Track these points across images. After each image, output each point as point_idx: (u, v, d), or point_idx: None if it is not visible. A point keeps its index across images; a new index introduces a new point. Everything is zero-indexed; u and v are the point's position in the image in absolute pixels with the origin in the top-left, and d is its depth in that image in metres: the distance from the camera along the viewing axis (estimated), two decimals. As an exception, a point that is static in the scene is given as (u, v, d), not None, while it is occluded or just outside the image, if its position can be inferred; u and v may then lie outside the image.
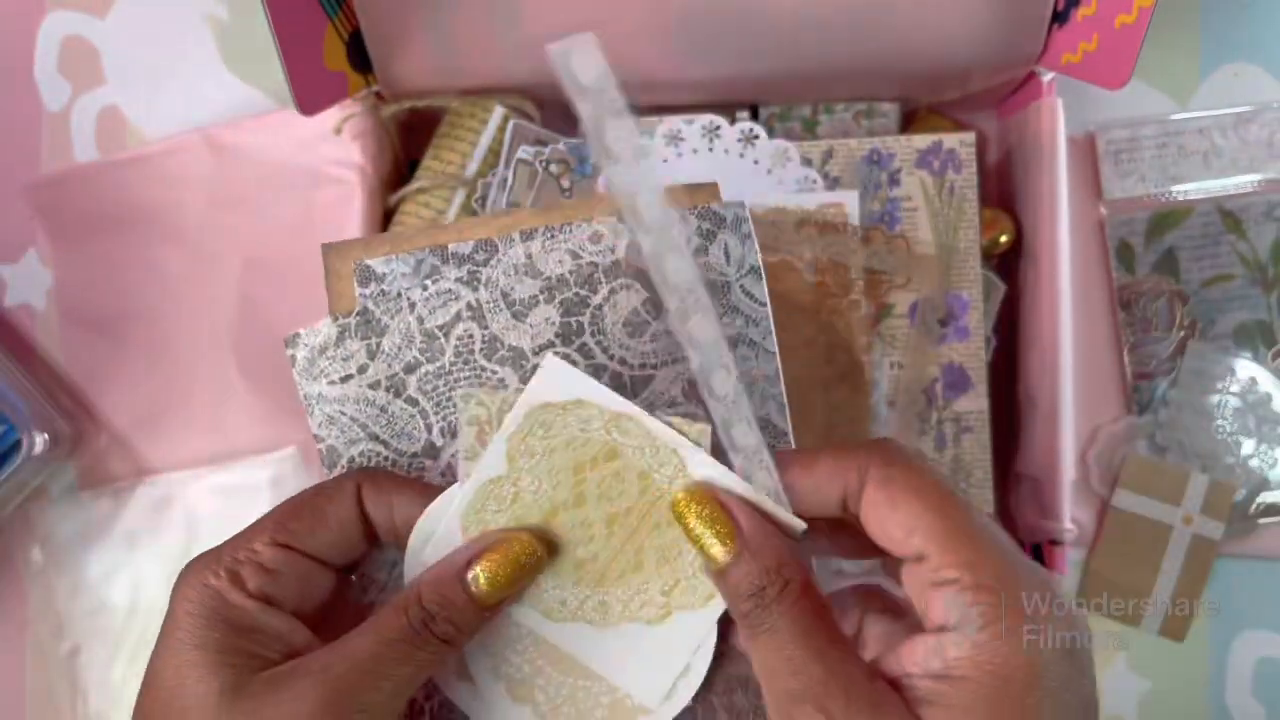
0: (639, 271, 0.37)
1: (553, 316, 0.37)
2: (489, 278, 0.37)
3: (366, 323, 0.37)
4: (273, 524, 0.33)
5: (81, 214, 0.61)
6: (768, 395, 0.37)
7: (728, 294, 0.37)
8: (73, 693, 0.60)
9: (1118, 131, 0.59)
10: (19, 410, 0.57)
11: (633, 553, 0.35)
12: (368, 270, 0.37)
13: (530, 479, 0.35)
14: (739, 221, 0.37)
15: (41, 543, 0.61)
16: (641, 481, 0.35)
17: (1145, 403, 0.58)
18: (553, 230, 0.37)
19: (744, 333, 0.37)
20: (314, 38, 0.49)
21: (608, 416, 0.35)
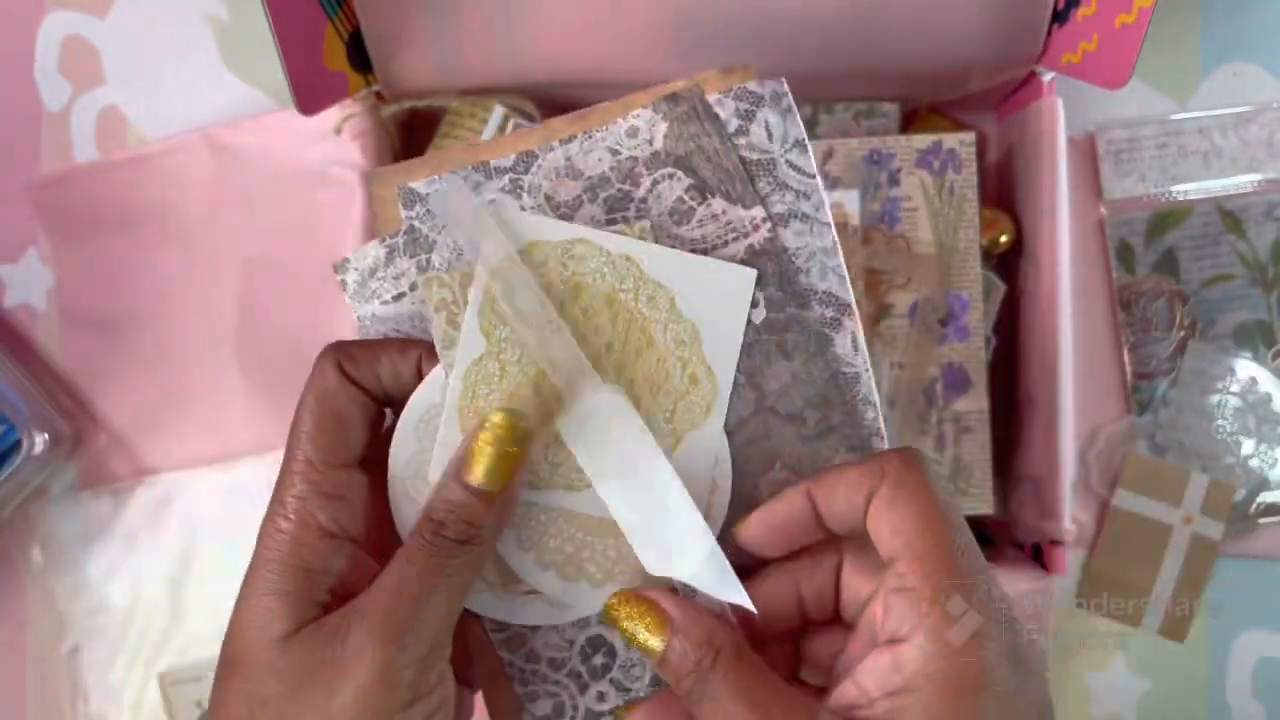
0: (679, 159, 0.37)
1: (598, 214, 0.37)
2: (531, 184, 0.37)
3: (414, 240, 0.37)
4: (304, 456, 0.33)
5: (81, 214, 0.61)
6: (827, 269, 0.37)
7: (774, 170, 0.37)
8: (73, 692, 0.60)
9: (1118, 131, 0.59)
10: (19, 410, 0.57)
11: (627, 389, 0.35)
12: (412, 192, 0.37)
13: (511, 348, 0.35)
14: (778, 97, 0.37)
15: (42, 543, 0.61)
16: (611, 308, 0.35)
17: (1145, 403, 0.58)
18: (590, 133, 0.37)
19: (795, 207, 0.37)
20: (314, 38, 0.49)
21: (560, 249, 0.35)
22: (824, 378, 0.36)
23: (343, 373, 0.34)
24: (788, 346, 0.36)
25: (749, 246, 0.36)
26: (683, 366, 0.35)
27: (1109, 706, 0.59)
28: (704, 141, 0.37)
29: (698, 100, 0.37)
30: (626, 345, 0.36)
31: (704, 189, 0.37)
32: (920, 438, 0.54)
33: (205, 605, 0.60)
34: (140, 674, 0.60)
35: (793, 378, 0.36)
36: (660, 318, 0.36)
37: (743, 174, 0.37)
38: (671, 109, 0.37)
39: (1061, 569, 0.53)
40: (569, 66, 0.53)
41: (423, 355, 0.35)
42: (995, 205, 0.57)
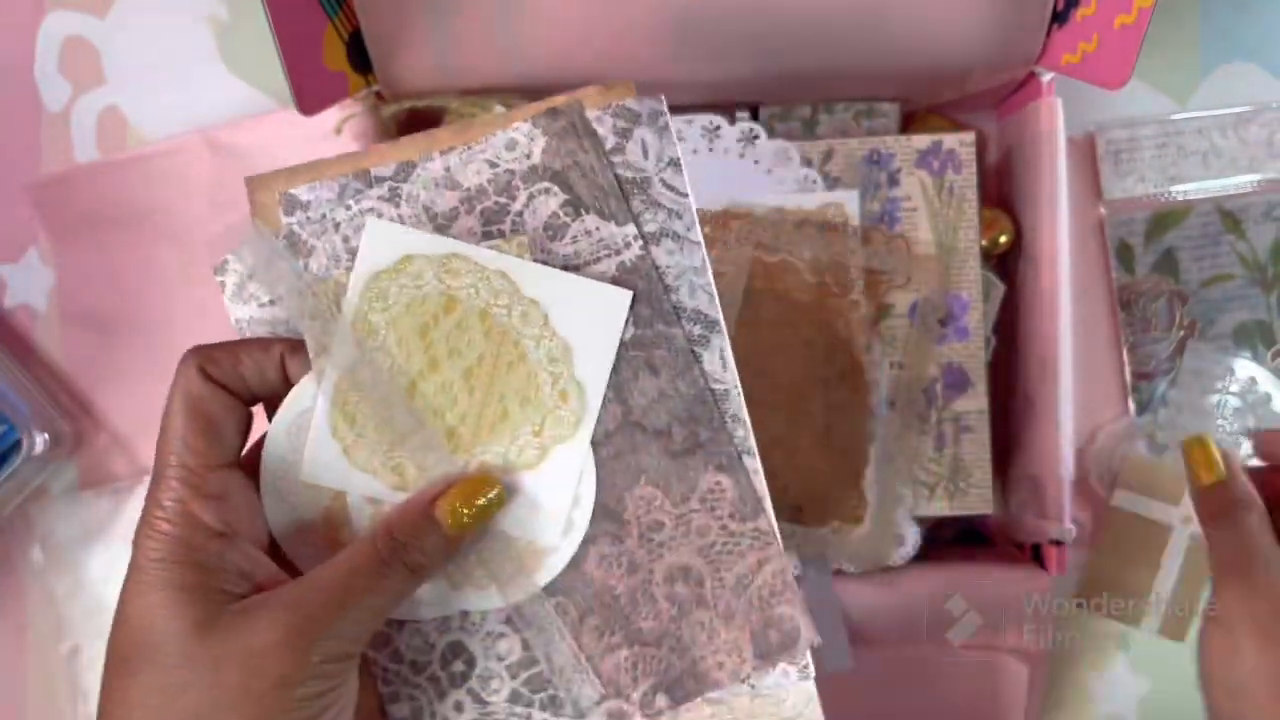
0: (555, 174, 0.37)
1: (474, 226, 0.37)
2: (409, 193, 0.37)
3: (293, 245, 0.37)
4: (179, 460, 0.34)
5: (82, 214, 0.61)
6: (696, 286, 0.37)
7: (648, 189, 0.38)
8: (73, 692, 0.60)
9: (1117, 132, 0.59)
10: (19, 410, 0.57)
11: (496, 401, 0.36)
12: (293, 199, 0.37)
13: (383, 357, 0.36)
14: (655, 114, 0.38)
15: (42, 542, 0.61)
16: (484, 323, 0.36)
17: (1145, 403, 0.58)
18: (470, 144, 0.38)
19: (667, 226, 0.37)
20: (314, 38, 0.49)
21: (437, 263, 0.36)
22: (691, 394, 0.37)
23: (206, 375, 0.35)
24: (655, 362, 0.37)
25: (620, 263, 0.37)
26: (554, 382, 0.36)
27: (1109, 706, 0.59)
28: (581, 157, 0.37)
29: (577, 116, 0.38)
30: (498, 360, 0.36)
31: (578, 205, 0.37)
32: (920, 438, 0.54)
33: (205, 605, 0.60)
34: (140, 674, 0.60)
35: (659, 393, 0.37)
36: (533, 333, 0.36)
37: (617, 191, 0.37)
38: (550, 123, 0.38)
39: (1061, 569, 0.53)
40: (569, 66, 0.53)
41: (285, 353, 0.36)
42: (995, 205, 0.57)
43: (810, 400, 0.53)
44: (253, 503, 0.35)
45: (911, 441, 0.54)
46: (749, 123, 0.54)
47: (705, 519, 0.37)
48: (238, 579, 0.32)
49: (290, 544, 0.36)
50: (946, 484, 0.54)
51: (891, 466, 0.53)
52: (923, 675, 0.54)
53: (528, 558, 0.36)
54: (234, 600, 0.31)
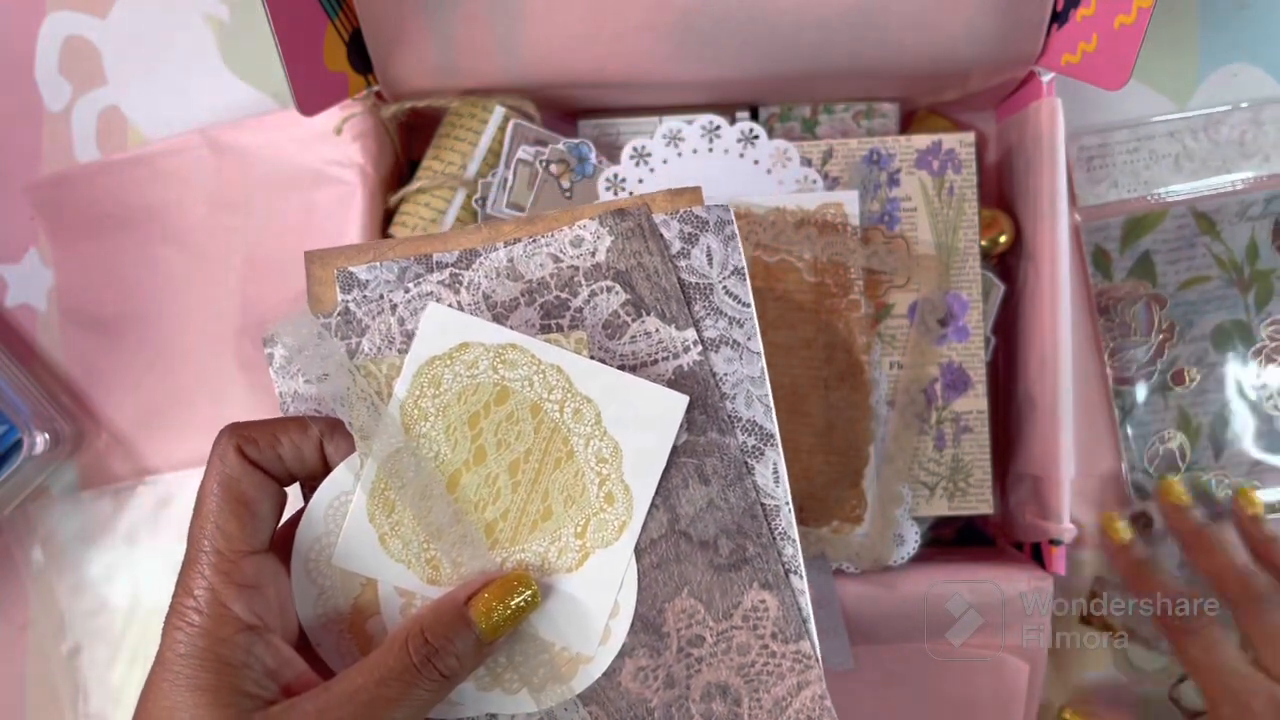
0: (619, 273, 0.37)
1: (533, 318, 0.37)
2: (471, 280, 0.37)
3: (347, 322, 0.37)
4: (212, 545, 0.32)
5: (82, 214, 0.61)
6: (753, 397, 0.37)
7: (710, 295, 0.37)
8: (73, 692, 0.60)
9: (1089, 138, 0.59)
10: (20, 410, 0.57)
11: (540, 499, 0.35)
12: (351, 276, 0.37)
13: (429, 444, 0.35)
14: (722, 224, 0.38)
15: (42, 542, 0.61)
16: (535, 416, 0.35)
17: (1126, 407, 0.58)
18: (535, 237, 0.37)
19: (727, 334, 0.37)
20: (314, 38, 0.49)
21: (493, 353, 0.35)
22: (741, 507, 0.36)
23: (244, 456, 0.33)
24: (707, 471, 0.36)
25: (678, 367, 0.37)
26: (600, 483, 0.36)
27: (1108, 706, 0.59)
28: (646, 259, 0.37)
29: (644, 218, 0.37)
30: (546, 455, 0.36)
31: (640, 306, 0.37)
32: (920, 438, 0.54)
33: (205, 605, 0.60)
34: (140, 674, 0.60)
35: (709, 503, 0.36)
36: (584, 431, 0.36)
37: (679, 295, 0.37)
38: (618, 224, 0.37)
39: (1061, 569, 0.53)
40: (569, 67, 0.53)
41: (323, 434, 0.35)
42: (995, 205, 0.57)
43: (810, 400, 0.53)
44: (284, 592, 0.34)
45: (911, 441, 0.54)
46: (749, 123, 0.54)
47: (747, 637, 0.36)
48: (265, 679, 0.31)
49: (317, 632, 0.35)
50: (946, 484, 0.54)
51: (891, 466, 0.53)
52: (923, 674, 0.54)
53: (562, 664, 0.35)
54: (260, 706, 0.30)
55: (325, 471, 0.35)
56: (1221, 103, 0.59)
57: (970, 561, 0.55)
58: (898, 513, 0.53)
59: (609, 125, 0.57)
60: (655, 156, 0.54)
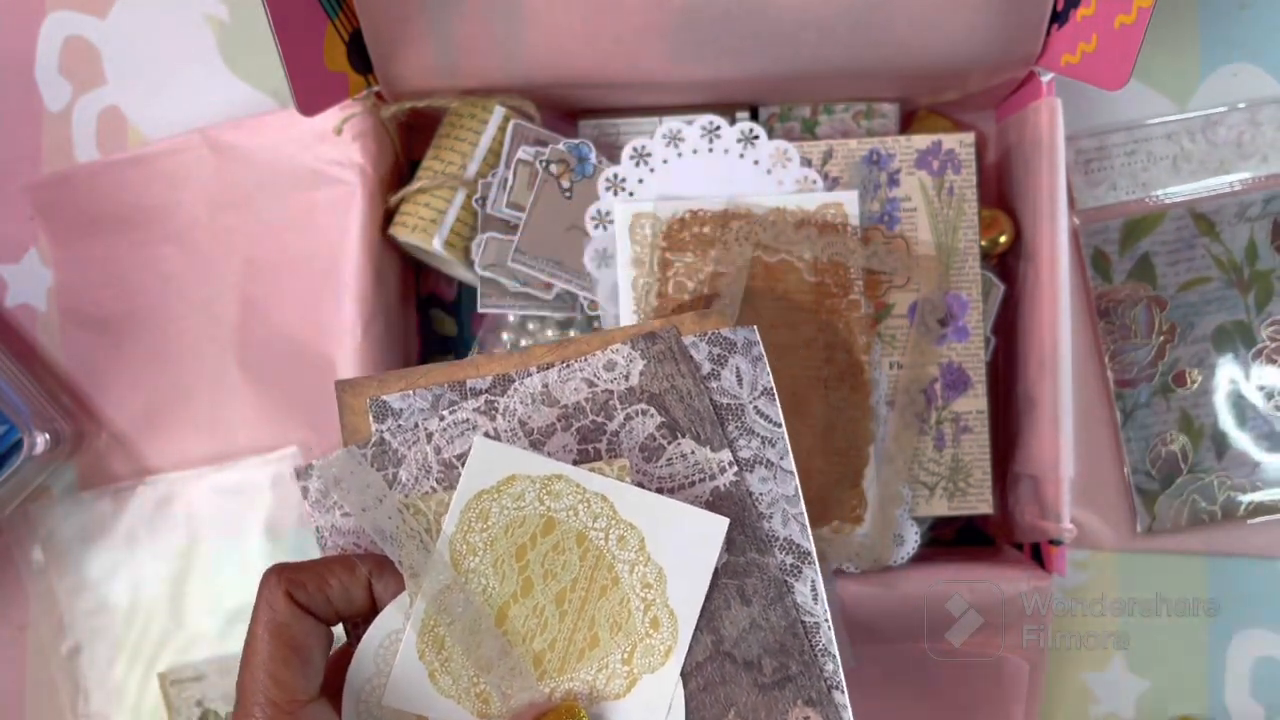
0: (653, 396, 0.37)
1: (569, 444, 0.37)
2: (506, 407, 0.37)
3: (383, 453, 0.37)
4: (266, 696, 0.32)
5: (82, 214, 0.61)
6: (789, 516, 0.37)
7: (742, 416, 0.38)
8: (74, 691, 0.60)
9: (1087, 141, 0.59)
10: (20, 410, 0.57)
11: (587, 627, 0.36)
12: (384, 405, 0.37)
13: (477, 579, 0.35)
14: (749, 344, 0.38)
15: (43, 542, 0.61)
16: (581, 546, 0.36)
17: (1128, 410, 0.58)
18: (568, 362, 0.38)
19: (761, 454, 0.38)
20: (314, 38, 0.49)
21: (539, 485, 0.36)
22: (783, 625, 0.36)
23: (293, 600, 0.33)
24: (748, 592, 0.36)
25: (715, 489, 0.37)
26: (645, 608, 0.36)
27: (1109, 706, 0.59)
28: (678, 381, 0.38)
29: (674, 341, 0.38)
30: (592, 584, 0.36)
31: (675, 428, 0.37)
32: (920, 438, 0.54)
33: (205, 605, 0.60)
34: (140, 673, 0.60)
35: (751, 624, 0.36)
36: (629, 558, 0.36)
37: (713, 416, 0.37)
38: (649, 347, 0.38)
39: (1061, 569, 0.53)
40: (569, 67, 0.53)
41: (371, 573, 0.35)
42: (994, 205, 0.57)
43: (810, 400, 0.53)
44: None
45: (911, 441, 0.54)
46: (749, 123, 0.54)
47: None
48: None
49: None
50: (946, 484, 0.54)
51: (891, 466, 0.53)
52: (923, 674, 0.54)
53: None
54: None
55: (372, 609, 0.35)
56: (1222, 103, 0.59)
57: (970, 561, 0.55)
58: (897, 513, 0.53)
59: (609, 125, 0.57)
60: (655, 156, 0.54)
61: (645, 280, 0.53)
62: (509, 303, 0.55)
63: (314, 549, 0.60)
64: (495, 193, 0.54)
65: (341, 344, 0.55)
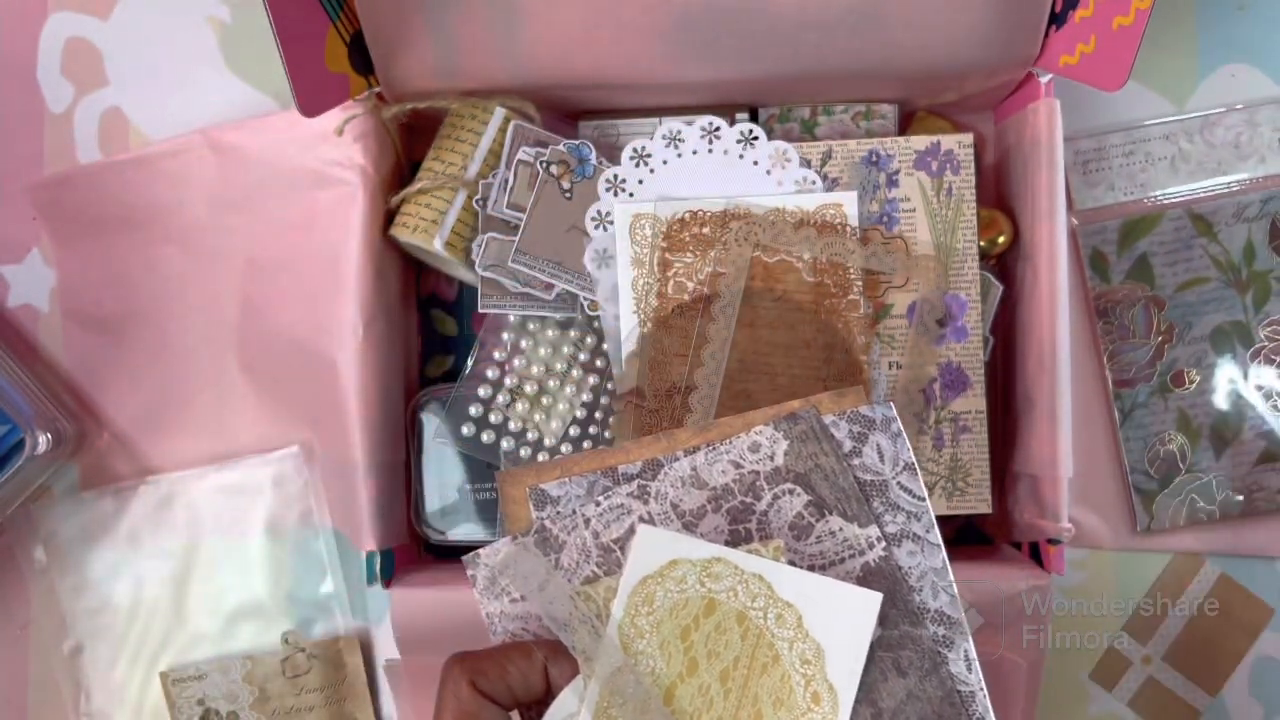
0: (799, 475, 0.38)
1: (721, 524, 0.39)
2: (658, 491, 0.39)
3: (544, 540, 0.39)
4: None
5: (84, 215, 0.61)
6: (939, 588, 0.38)
7: (886, 492, 0.39)
8: (75, 691, 0.61)
9: (1085, 142, 0.59)
10: (22, 410, 0.57)
11: (750, 704, 0.37)
12: (543, 494, 0.39)
13: (646, 660, 0.37)
14: (888, 422, 0.40)
15: (44, 542, 0.61)
16: (741, 625, 0.37)
17: (1126, 410, 0.58)
18: (714, 445, 0.39)
19: (907, 528, 0.39)
20: (316, 39, 0.49)
21: (700, 568, 0.37)
22: (939, 696, 0.37)
23: (476, 689, 0.35)
24: (903, 664, 0.37)
25: (865, 564, 0.38)
26: (805, 684, 0.37)
27: (1107, 706, 0.59)
28: (822, 460, 0.39)
29: (815, 421, 0.39)
30: (754, 661, 0.37)
31: (822, 506, 0.38)
32: (919, 437, 0.54)
33: (207, 604, 0.60)
34: (142, 673, 0.60)
35: (908, 695, 0.37)
36: (787, 635, 0.37)
37: (858, 493, 0.39)
38: (791, 427, 0.39)
39: (1059, 568, 0.53)
40: (569, 68, 0.53)
41: (547, 659, 0.37)
42: (993, 206, 0.57)
43: (809, 400, 0.53)
44: None
45: (910, 441, 0.54)
46: (748, 124, 0.54)
47: None
48: None
49: None
50: (945, 484, 0.55)
51: (890, 466, 0.53)
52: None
53: None
54: None
55: (547, 693, 0.37)
56: (1220, 104, 0.59)
57: (969, 561, 0.55)
58: (897, 512, 0.53)
59: (609, 126, 0.57)
60: (655, 157, 0.54)
61: (645, 280, 0.53)
62: (509, 303, 0.55)
63: (314, 549, 0.60)
64: (496, 193, 0.55)
65: (342, 344, 0.55)
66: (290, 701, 0.59)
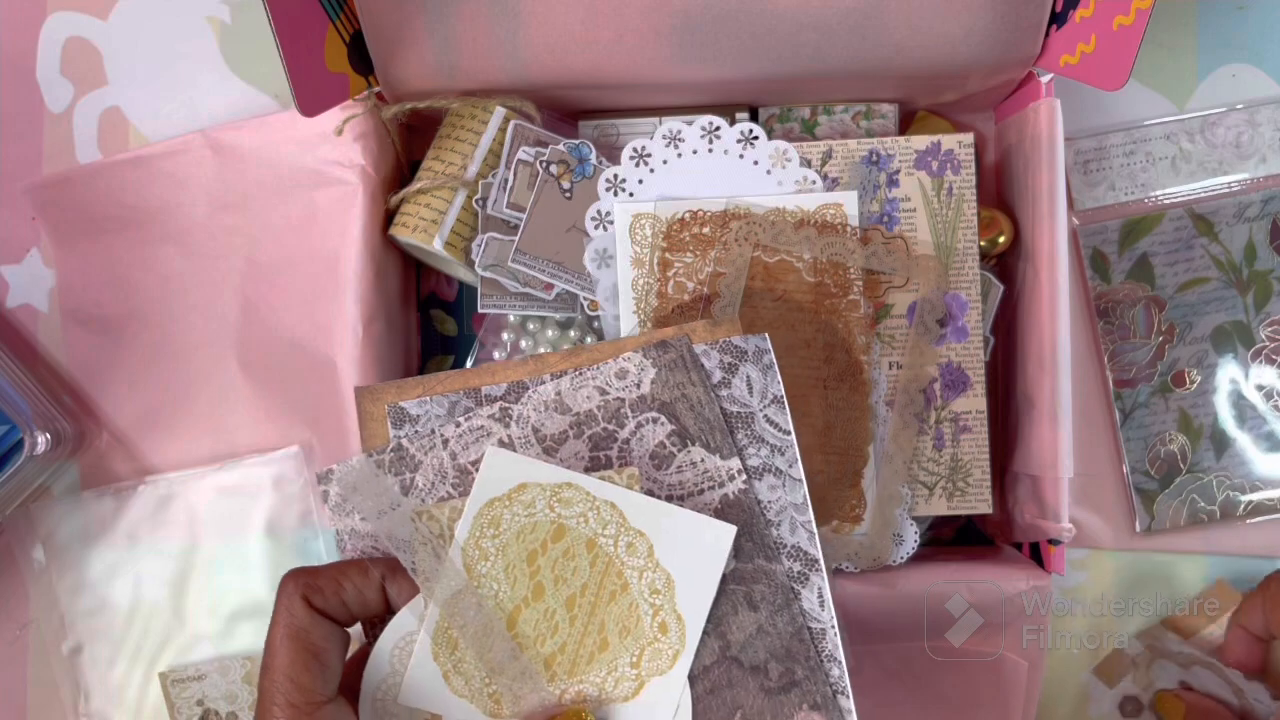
0: (664, 404, 0.38)
1: (582, 451, 0.38)
2: (520, 414, 0.38)
3: (400, 459, 0.38)
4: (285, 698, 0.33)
5: (84, 215, 0.61)
6: (797, 524, 0.38)
7: (751, 424, 0.38)
8: (74, 691, 0.60)
9: (1085, 142, 0.59)
10: (21, 410, 0.57)
11: (596, 631, 0.36)
12: (402, 412, 0.38)
13: (489, 584, 0.36)
14: (760, 353, 0.39)
15: (44, 542, 0.61)
16: (590, 552, 0.36)
17: (1127, 410, 0.58)
18: (581, 370, 0.38)
19: (769, 462, 0.38)
20: (315, 39, 0.49)
21: (549, 492, 0.37)
22: (790, 631, 0.37)
23: (310, 605, 0.35)
24: (755, 597, 0.37)
25: (724, 496, 0.38)
26: (654, 613, 0.36)
27: (1107, 706, 0.59)
28: (689, 390, 0.38)
29: (686, 349, 0.38)
30: (601, 589, 0.37)
31: (685, 436, 0.38)
32: (919, 437, 0.54)
33: (206, 604, 0.60)
34: (141, 673, 0.60)
35: (758, 629, 0.37)
36: (638, 564, 0.37)
37: (723, 425, 0.38)
38: (660, 355, 0.38)
39: (1060, 568, 0.53)
40: (569, 68, 0.53)
41: (384, 576, 0.36)
42: (993, 206, 0.57)
43: (810, 400, 0.53)
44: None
45: (910, 441, 0.54)
46: (748, 123, 0.54)
47: None
48: None
49: None
50: (945, 484, 0.55)
51: (890, 466, 0.53)
52: (923, 674, 0.54)
53: None
54: None
55: (387, 611, 0.36)
56: (1220, 103, 0.59)
57: (969, 561, 0.55)
58: (897, 512, 0.53)
59: (609, 126, 0.57)
60: (655, 157, 0.54)
61: (645, 280, 0.53)
62: (509, 303, 0.55)
63: (314, 549, 0.60)
64: (496, 193, 0.55)
65: (342, 344, 0.55)
66: (290, 702, 0.59)
